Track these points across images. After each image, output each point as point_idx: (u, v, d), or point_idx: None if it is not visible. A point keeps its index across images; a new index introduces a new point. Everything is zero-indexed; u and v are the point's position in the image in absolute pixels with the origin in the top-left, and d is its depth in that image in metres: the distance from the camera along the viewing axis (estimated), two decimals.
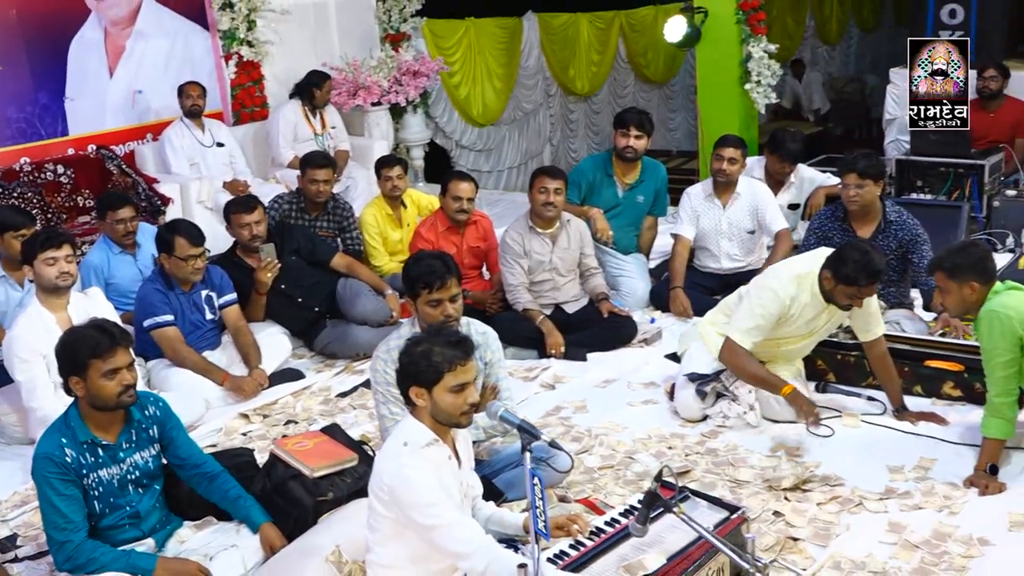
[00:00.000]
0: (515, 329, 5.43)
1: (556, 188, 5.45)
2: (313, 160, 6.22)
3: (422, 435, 3.02)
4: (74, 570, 3.34)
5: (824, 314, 4.43)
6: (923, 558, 3.44)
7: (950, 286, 3.96)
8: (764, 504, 3.80)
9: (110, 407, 3.37)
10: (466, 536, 2.91)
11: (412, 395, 3.01)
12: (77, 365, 3.32)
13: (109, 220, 5.55)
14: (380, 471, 3.01)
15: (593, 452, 4.33)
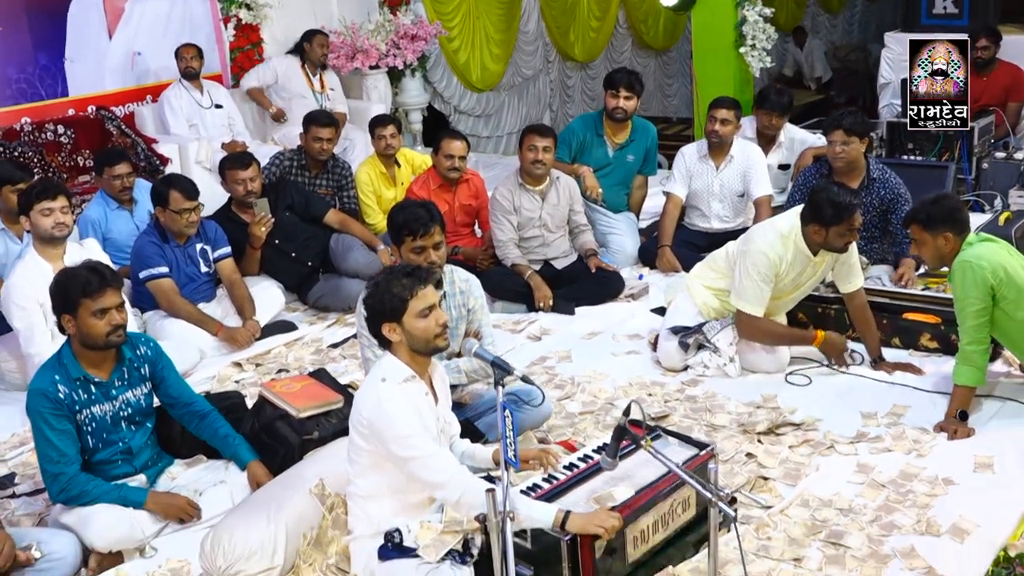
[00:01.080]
0: (504, 284, 5.54)
1: (544, 146, 5.53)
2: (317, 119, 6.32)
3: (400, 371, 3.13)
4: (68, 501, 3.47)
5: (809, 268, 4.52)
6: (888, 496, 3.55)
7: (925, 237, 4.04)
8: (738, 446, 3.91)
9: (100, 346, 3.48)
10: (442, 467, 3.02)
11: (386, 332, 3.11)
12: (68, 303, 3.43)
13: (106, 176, 5.64)
14: (360, 406, 3.12)
15: (575, 398, 4.44)
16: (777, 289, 4.56)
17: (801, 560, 3.22)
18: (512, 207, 5.63)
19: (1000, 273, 3.91)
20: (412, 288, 3.07)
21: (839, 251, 4.40)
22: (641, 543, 3.11)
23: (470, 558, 3.09)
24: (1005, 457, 3.74)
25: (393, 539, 3.10)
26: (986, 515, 3.39)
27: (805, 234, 4.39)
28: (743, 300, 4.50)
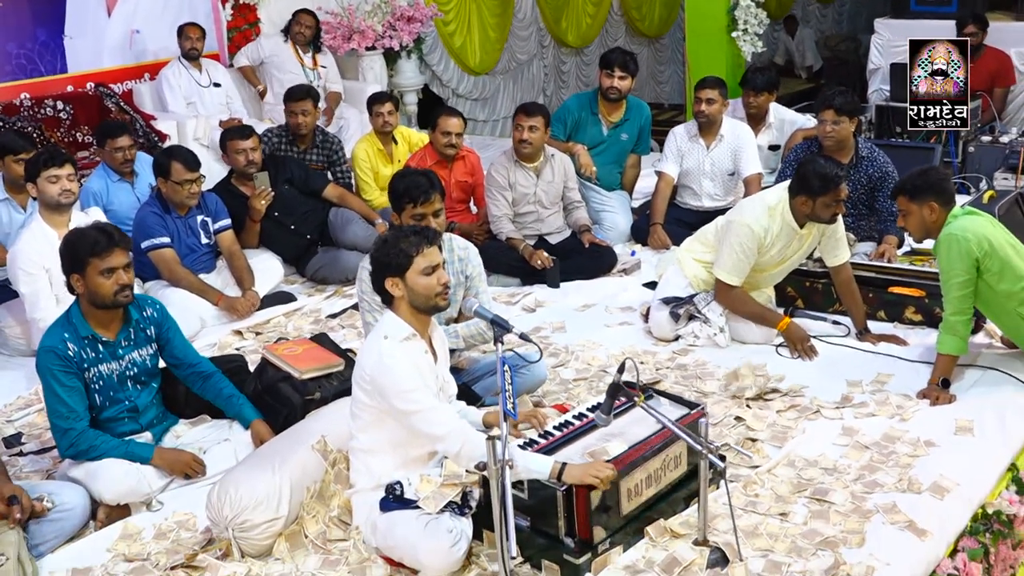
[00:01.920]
0: (499, 258, 5.64)
1: (531, 125, 5.63)
2: (292, 93, 6.43)
3: (401, 329, 3.23)
4: (76, 456, 3.57)
5: (795, 241, 4.64)
6: (872, 457, 3.67)
7: (911, 208, 4.16)
8: (727, 411, 4.03)
9: (107, 305, 3.58)
10: (442, 420, 3.13)
11: (388, 287, 3.22)
12: (77, 263, 3.53)
13: (108, 148, 5.72)
14: (363, 363, 3.23)
15: (569, 366, 4.55)
16: (763, 261, 4.67)
17: (787, 515, 3.34)
18: (507, 183, 5.73)
19: (984, 245, 4.02)
20: (418, 245, 3.18)
21: (826, 222, 4.51)
22: (635, 496, 3.22)
23: (468, 510, 3.21)
24: (985, 421, 3.86)
25: (394, 491, 3.21)
26: (965, 475, 3.52)
27: (793, 206, 4.51)
28: (723, 269, 4.62)
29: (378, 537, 3.20)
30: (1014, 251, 4.12)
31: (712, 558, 3.10)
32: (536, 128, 5.63)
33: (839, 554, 3.10)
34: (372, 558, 3.20)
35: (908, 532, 3.22)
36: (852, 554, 3.11)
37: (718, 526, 3.25)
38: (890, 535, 3.21)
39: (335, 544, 3.28)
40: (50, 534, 3.35)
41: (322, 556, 3.24)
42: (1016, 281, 4.07)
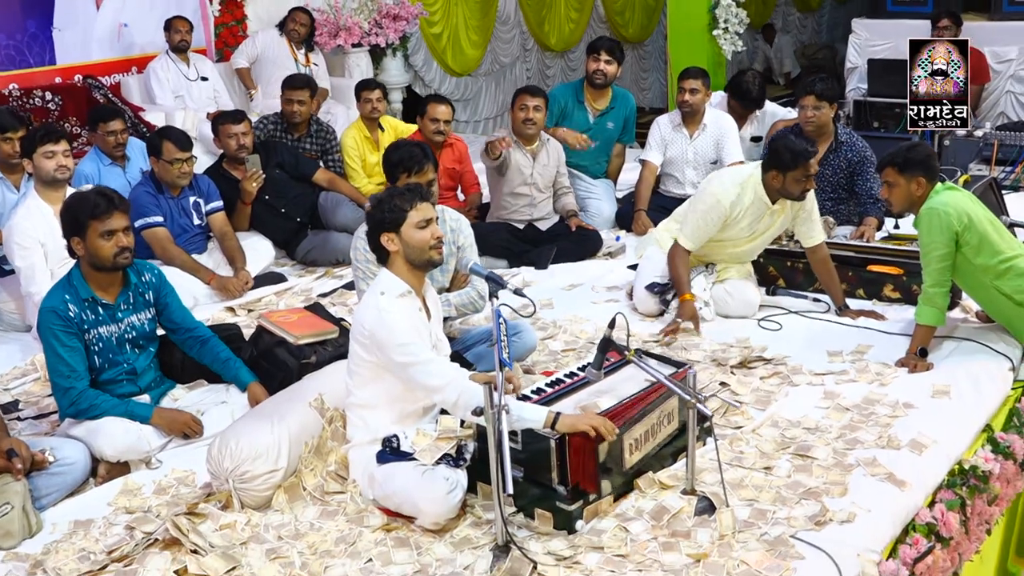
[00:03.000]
0: (487, 239, 5.70)
1: (535, 105, 5.78)
2: (291, 81, 6.52)
3: (397, 286, 3.33)
4: (77, 415, 3.64)
5: (767, 217, 4.75)
6: (852, 418, 3.79)
7: (899, 180, 4.27)
8: (712, 377, 4.14)
9: (107, 267, 3.65)
10: (439, 371, 3.22)
11: (384, 242, 3.31)
12: (78, 226, 3.60)
13: (100, 132, 5.78)
14: (361, 318, 3.31)
15: (557, 338, 4.65)
16: (732, 234, 4.77)
17: (772, 469, 3.45)
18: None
19: (964, 219, 4.14)
20: (412, 200, 3.29)
21: (796, 198, 4.62)
22: (635, 450, 3.32)
23: (463, 462, 3.29)
24: (960, 386, 3.99)
25: (391, 444, 3.30)
26: (943, 433, 3.64)
27: (765, 181, 4.63)
28: (682, 231, 4.77)
29: (375, 488, 3.28)
30: (992, 226, 4.25)
31: (700, 506, 3.20)
32: (539, 108, 5.77)
33: (822, 502, 3.20)
34: (369, 509, 3.28)
35: (888, 483, 3.33)
36: (834, 503, 3.22)
37: (705, 479, 3.35)
38: (871, 485, 3.32)
39: (333, 497, 3.36)
40: (52, 487, 3.41)
41: (320, 507, 3.31)
42: (993, 255, 4.20)
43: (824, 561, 2.92)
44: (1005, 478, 3.71)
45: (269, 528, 3.21)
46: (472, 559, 3.01)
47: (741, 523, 3.10)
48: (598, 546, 3.03)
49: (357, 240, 4.15)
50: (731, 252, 4.86)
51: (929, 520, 3.26)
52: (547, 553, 3.00)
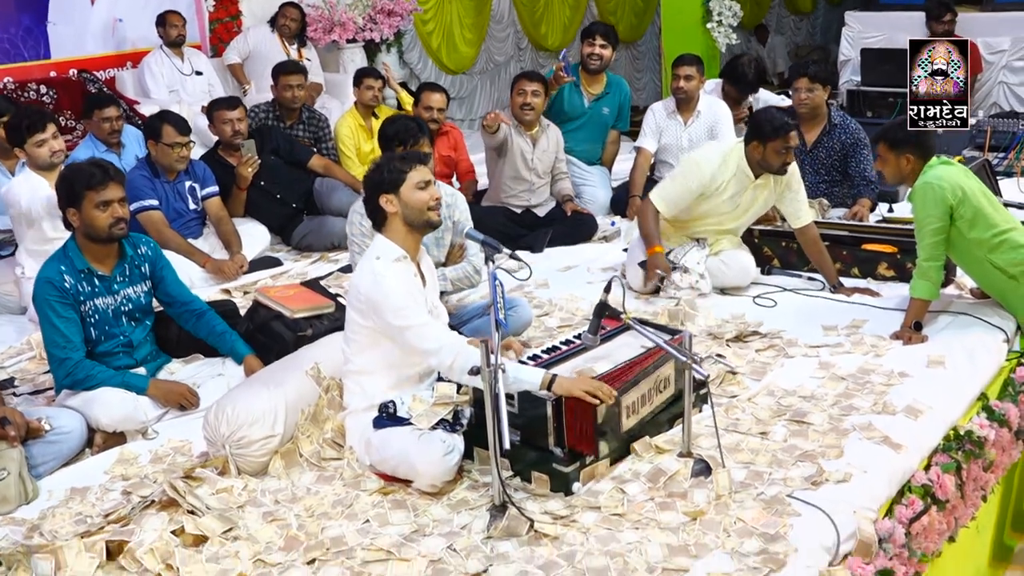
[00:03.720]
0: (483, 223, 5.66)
1: (533, 90, 5.81)
2: (284, 67, 6.56)
3: (393, 251, 3.33)
4: (73, 386, 3.64)
5: (749, 191, 4.78)
6: (848, 386, 3.80)
7: (889, 156, 4.30)
8: (708, 349, 4.15)
9: (103, 238, 3.66)
10: (435, 335, 3.23)
11: (383, 203, 3.32)
12: (73, 196, 3.61)
13: (95, 118, 5.79)
14: (357, 283, 3.32)
15: (553, 315, 4.66)
16: (716, 206, 4.81)
17: (768, 434, 3.45)
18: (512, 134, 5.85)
19: (958, 193, 4.15)
20: (411, 162, 3.30)
21: (776, 171, 4.65)
22: (632, 414, 3.32)
23: (460, 427, 3.29)
24: (955, 357, 4.00)
25: (388, 409, 3.30)
26: (938, 400, 3.65)
27: (747, 153, 4.67)
28: (657, 191, 4.86)
29: (372, 453, 3.28)
30: (986, 199, 4.26)
31: (696, 468, 3.20)
32: (538, 93, 5.80)
33: (819, 464, 3.21)
34: (366, 474, 3.28)
35: (884, 446, 3.33)
36: (830, 464, 3.23)
37: (701, 443, 3.36)
38: (866, 448, 3.32)
39: (329, 463, 3.36)
40: (48, 455, 3.41)
41: (317, 473, 3.31)
42: (987, 229, 4.21)
43: (821, 519, 2.92)
44: (1000, 446, 3.72)
45: (266, 493, 3.20)
46: (469, 519, 3.02)
47: (737, 484, 3.11)
48: (595, 506, 3.03)
49: (353, 214, 4.16)
50: (716, 229, 4.89)
51: (925, 482, 3.27)
52: (544, 512, 3.00)
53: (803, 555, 2.77)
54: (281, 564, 2.82)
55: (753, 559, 2.74)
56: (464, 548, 2.86)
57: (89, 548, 2.82)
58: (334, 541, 2.91)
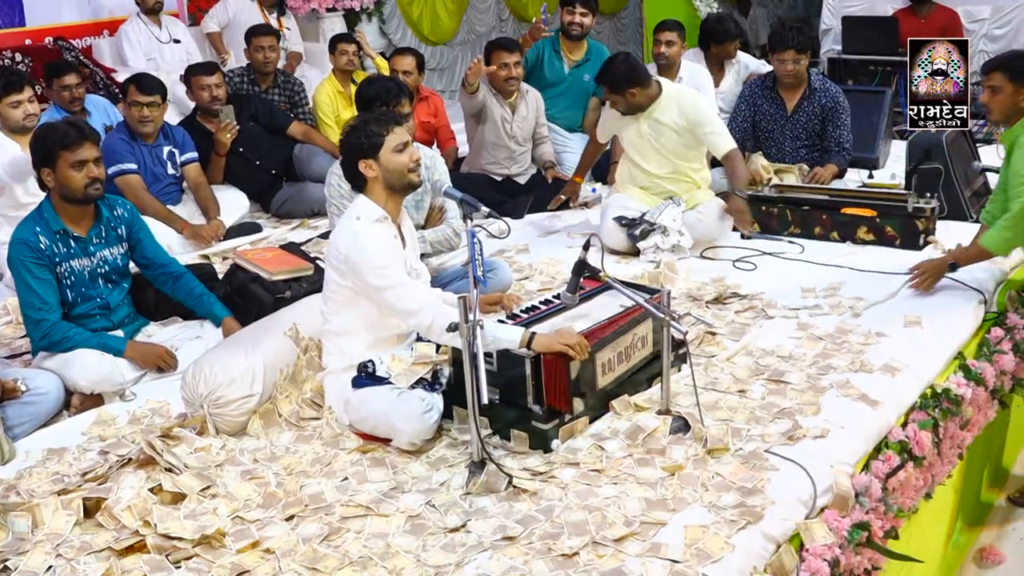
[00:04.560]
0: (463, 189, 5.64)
1: (515, 61, 5.78)
2: (256, 29, 6.52)
3: (373, 211, 3.32)
4: (49, 347, 3.62)
5: (633, 125, 5.07)
6: (826, 346, 3.81)
7: (1007, 87, 4.11)
8: (686, 311, 4.15)
9: (78, 198, 3.62)
10: (414, 295, 3.22)
11: (362, 168, 3.30)
12: (48, 156, 3.57)
13: (55, 87, 5.70)
14: (336, 243, 3.30)
15: (533, 279, 4.66)
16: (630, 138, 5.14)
17: (746, 392, 3.47)
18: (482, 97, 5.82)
19: None
20: (387, 125, 3.28)
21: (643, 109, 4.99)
22: (608, 371, 3.33)
23: (439, 386, 3.29)
24: (933, 317, 4.01)
25: (367, 369, 3.29)
26: (915, 359, 3.67)
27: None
28: None
29: (351, 413, 3.28)
30: None
31: (675, 425, 3.21)
32: (519, 63, 5.76)
33: (796, 420, 3.23)
34: (345, 433, 3.27)
35: (861, 403, 3.35)
36: (808, 421, 3.24)
37: (680, 402, 3.36)
38: (844, 405, 3.34)
39: (308, 422, 3.36)
40: (24, 417, 3.38)
41: (295, 432, 3.30)
42: None
43: (798, 473, 2.94)
44: (977, 404, 3.75)
45: (244, 452, 3.20)
46: (448, 476, 3.02)
47: (716, 440, 3.12)
48: (574, 462, 3.04)
49: (331, 176, 4.14)
50: (647, 171, 5.12)
51: (902, 438, 3.29)
52: (523, 469, 3.01)
53: (780, 508, 2.79)
54: (260, 521, 2.81)
55: (730, 512, 2.75)
56: (443, 504, 2.86)
57: (66, 506, 2.81)
58: (312, 498, 2.91)
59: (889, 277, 4.45)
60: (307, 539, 2.70)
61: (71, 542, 2.70)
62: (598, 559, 2.58)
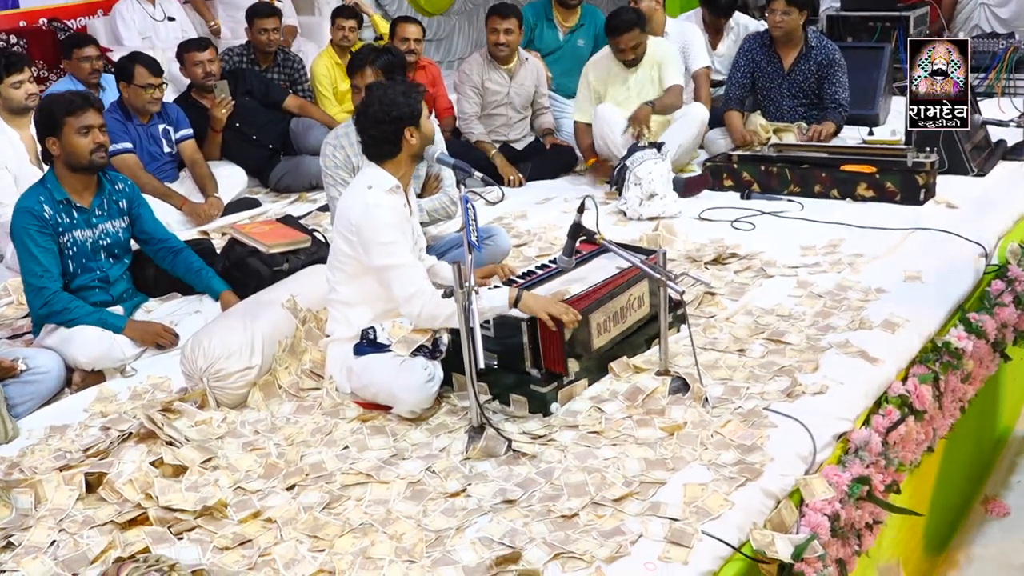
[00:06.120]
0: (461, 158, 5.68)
1: (506, 28, 5.72)
2: (259, 10, 6.45)
3: (387, 180, 3.28)
4: (49, 315, 3.63)
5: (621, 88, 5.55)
6: (825, 304, 3.80)
7: None
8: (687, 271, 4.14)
9: (83, 165, 3.62)
10: (412, 279, 3.18)
11: (407, 136, 3.27)
12: (53, 124, 3.58)
13: (75, 58, 5.74)
14: (347, 211, 3.26)
15: (532, 245, 4.66)
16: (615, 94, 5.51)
17: (745, 351, 3.46)
18: (480, 81, 5.78)
19: None
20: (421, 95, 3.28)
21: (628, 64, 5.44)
22: (603, 332, 3.32)
23: (439, 354, 3.29)
24: (933, 271, 4.01)
25: (368, 336, 3.29)
26: (915, 313, 3.65)
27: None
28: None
29: (353, 380, 3.28)
30: None
31: (674, 385, 3.21)
32: (511, 30, 5.72)
33: (795, 377, 3.22)
34: (345, 402, 3.28)
35: (860, 359, 3.35)
36: (807, 378, 3.24)
37: (679, 362, 3.36)
38: (843, 362, 3.34)
39: (308, 393, 3.36)
40: (26, 395, 3.39)
41: (296, 403, 3.31)
42: None
43: (797, 429, 2.94)
44: (978, 357, 3.74)
45: (245, 424, 3.20)
46: (448, 442, 3.02)
47: (715, 399, 3.12)
48: (573, 425, 3.04)
49: (326, 147, 4.13)
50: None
51: (902, 392, 3.28)
52: (522, 433, 3.01)
53: (779, 464, 2.79)
54: (261, 491, 2.82)
55: (729, 469, 2.76)
56: (443, 469, 2.87)
57: (68, 481, 2.82)
58: (313, 467, 2.91)
59: (889, 233, 4.43)
60: (308, 508, 2.71)
61: (74, 517, 2.71)
62: (598, 519, 2.58)
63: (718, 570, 2.46)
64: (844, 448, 2.97)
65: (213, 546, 2.57)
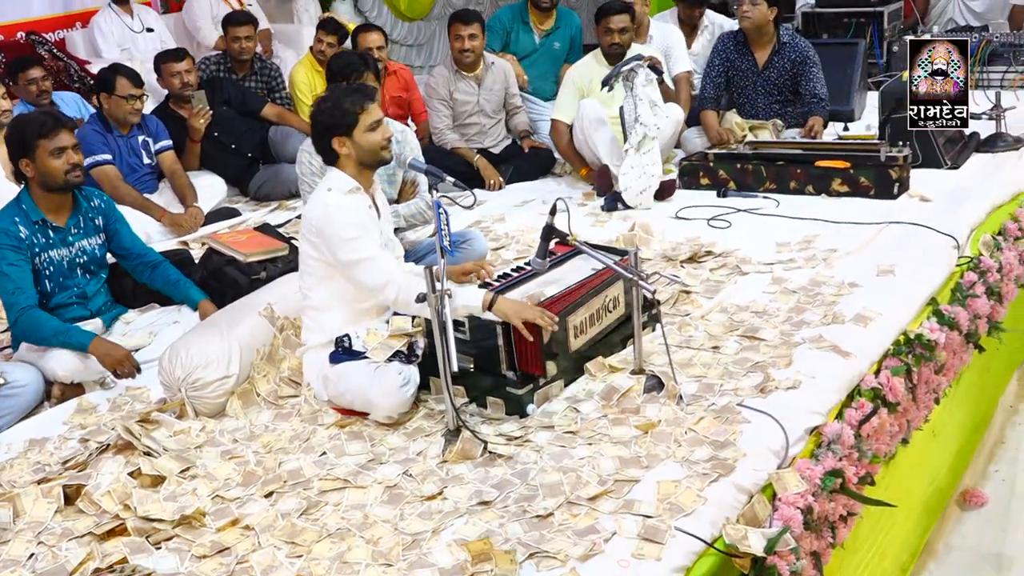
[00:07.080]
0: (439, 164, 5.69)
1: (470, 34, 5.73)
2: (232, 18, 6.48)
3: (346, 182, 3.33)
4: (21, 334, 3.64)
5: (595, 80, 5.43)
6: (799, 299, 3.84)
7: None
8: (661, 271, 4.17)
9: (59, 185, 3.64)
10: (383, 269, 3.23)
11: (336, 146, 3.30)
12: (25, 146, 3.59)
13: (21, 82, 5.70)
14: (309, 215, 3.31)
15: (510, 248, 4.68)
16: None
17: (719, 348, 3.49)
18: (447, 93, 5.80)
19: None
20: (361, 103, 3.29)
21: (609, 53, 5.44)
22: (580, 334, 3.35)
23: (415, 358, 3.31)
24: (905, 265, 4.04)
25: (343, 344, 3.31)
26: (888, 307, 3.69)
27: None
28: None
29: (329, 388, 3.30)
30: None
31: (648, 383, 3.24)
32: (475, 36, 5.73)
33: (767, 373, 3.25)
34: (323, 409, 3.30)
35: (833, 354, 3.37)
36: (780, 373, 3.27)
37: (654, 361, 3.39)
38: (816, 356, 3.36)
39: (286, 400, 3.38)
40: (5, 410, 3.41)
41: (274, 411, 3.33)
42: None
43: (770, 424, 2.97)
44: (951, 349, 3.77)
45: (224, 432, 3.22)
46: (425, 446, 3.04)
47: (689, 396, 3.15)
48: (549, 425, 3.07)
49: (302, 154, 4.16)
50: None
51: (874, 385, 3.31)
52: (498, 434, 3.04)
53: (752, 459, 2.81)
54: (239, 499, 2.84)
55: (703, 466, 2.78)
56: (420, 473, 2.89)
57: (46, 494, 2.84)
58: (291, 474, 2.93)
59: (863, 227, 4.48)
60: (286, 514, 2.73)
61: (52, 529, 2.73)
62: (572, 519, 2.61)
63: (691, 565, 2.49)
64: (817, 442, 3.00)
65: (191, 555, 2.59)
